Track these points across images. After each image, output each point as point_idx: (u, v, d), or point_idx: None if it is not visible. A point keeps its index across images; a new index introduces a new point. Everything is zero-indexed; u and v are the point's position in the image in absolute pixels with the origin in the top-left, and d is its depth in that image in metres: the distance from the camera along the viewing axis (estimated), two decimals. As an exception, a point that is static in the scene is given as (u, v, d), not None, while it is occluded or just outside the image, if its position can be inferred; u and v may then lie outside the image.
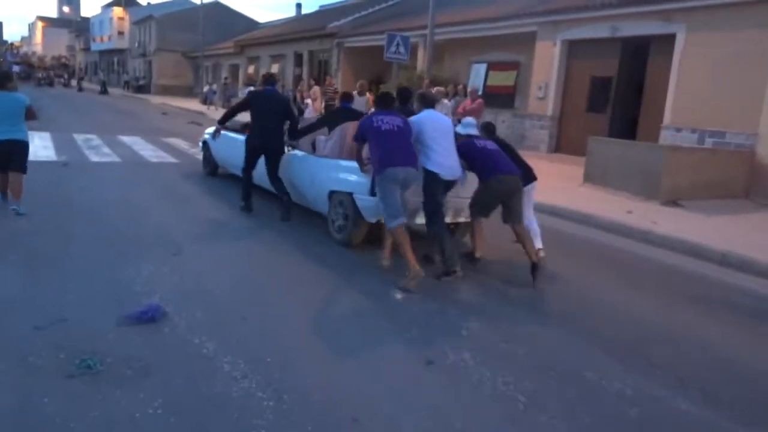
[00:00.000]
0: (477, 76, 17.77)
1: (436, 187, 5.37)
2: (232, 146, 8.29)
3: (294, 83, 25.51)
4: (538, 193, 6.28)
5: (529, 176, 5.92)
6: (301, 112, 17.89)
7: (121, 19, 52.07)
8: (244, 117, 7.83)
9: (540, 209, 8.45)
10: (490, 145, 5.69)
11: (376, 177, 5.32)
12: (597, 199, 9.27)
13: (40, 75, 43.90)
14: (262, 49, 31.52)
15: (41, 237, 5.56)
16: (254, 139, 7.17)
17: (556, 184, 10.63)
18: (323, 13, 32.37)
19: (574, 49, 14.35)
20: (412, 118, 5.48)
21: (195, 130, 16.63)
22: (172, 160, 11.47)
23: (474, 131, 5.98)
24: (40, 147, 11.64)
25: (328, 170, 6.33)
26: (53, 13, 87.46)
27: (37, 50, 76.13)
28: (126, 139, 14.37)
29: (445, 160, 5.37)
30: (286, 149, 7.22)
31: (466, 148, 5.62)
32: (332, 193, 6.26)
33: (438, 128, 5.45)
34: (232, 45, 34.90)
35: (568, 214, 8.37)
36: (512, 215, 5.55)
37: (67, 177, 8.91)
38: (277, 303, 4.42)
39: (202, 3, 33.52)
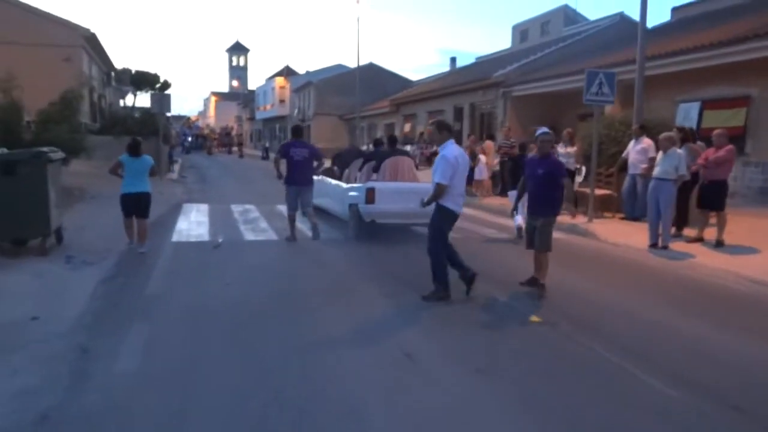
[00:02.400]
0: (686, 117, 14.45)
1: (449, 224, 5.91)
2: (322, 187, 10.89)
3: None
4: None
5: None
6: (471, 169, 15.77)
7: (282, 87, 54.63)
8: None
9: None
10: None
11: (285, 186, 8.95)
12: None
13: (209, 144, 46.75)
14: (419, 105, 30.28)
15: (148, 399, 3.59)
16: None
17: None
18: (482, 64, 30.59)
19: None
20: (446, 155, 5.67)
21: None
22: (334, 234, 9.68)
23: None
24: (195, 224, 10.48)
25: (348, 191, 9.68)
26: (225, 88, 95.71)
27: (210, 122, 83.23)
28: (283, 209, 13.01)
29: (461, 198, 5.89)
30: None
31: None
32: (350, 206, 9.35)
33: (462, 167, 5.80)
34: (387, 104, 34.20)
35: None
36: None
37: (215, 264, 7.31)
38: None
39: (358, 66, 33.36)
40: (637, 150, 10.95)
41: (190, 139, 45.85)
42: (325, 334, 4.81)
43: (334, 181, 10.75)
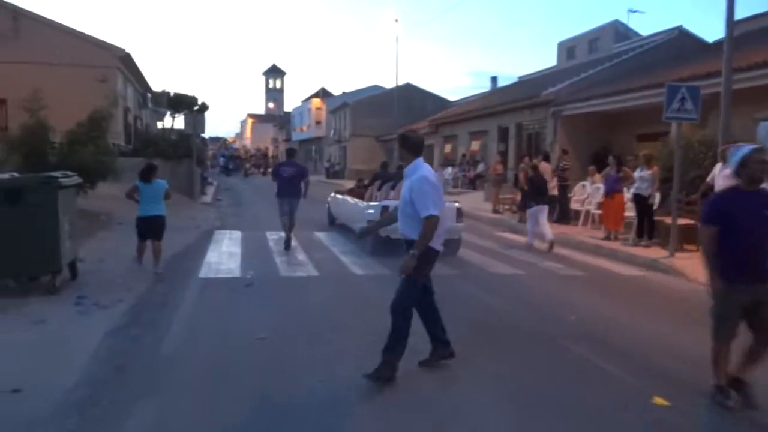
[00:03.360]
0: (768, 137, 12.96)
1: (430, 267, 4.41)
2: (344, 205, 12.62)
3: (500, 160, 21.87)
4: None
5: None
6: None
7: (318, 109, 54.28)
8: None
9: None
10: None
11: (276, 198, 10.71)
12: None
13: (247, 166, 46.41)
14: (459, 126, 29.15)
15: None
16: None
17: None
18: (526, 83, 29.36)
19: None
20: (428, 176, 4.28)
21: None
22: (382, 270, 8.52)
23: None
24: (226, 255, 9.47)
25: (365, 209, 10.51)
26: (261, 110, 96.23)
27: (247, 144, 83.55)
28: (322, 237, 11.98)
29: (444, 233, 4.53)
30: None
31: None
32: (368, 222, 9.30)
33: (441, 191, 4.46)
34: (426, 125, 33.17)
35: None
36: None
37: (246, 308, 6.22)
38: None
39: (396, 85, 32.47)
40: (725, 174, 9.51)
41: (222, 160, 45.61)
42: (391, 422, 3.64)
43: (354, 200, 11.86)
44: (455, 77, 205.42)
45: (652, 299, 7.35)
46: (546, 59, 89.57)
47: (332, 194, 14.22)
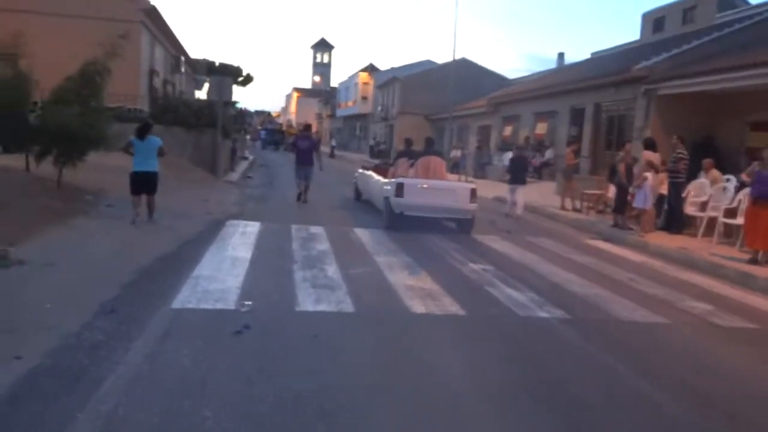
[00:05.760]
0: None
1: None
2: (368, 181, 12.76)
3: (573, 146, 18.21)
4: None
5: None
6: (623, 189, 11.28)
7: (365, 83, 51.32)
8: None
9: None
10: None
11: (295, 164, 13.13)
12: None
13: (289, 141, 43.99)
14: (523, 105, 25.83)
15: None
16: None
17: None
18: (605, 58, 25.71)
19: None
20: None
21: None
22: (451, 306, 5.66)
23: None
24: (228, 263, 6.75)
25: (384, 186, 10.74)
26: (307, 84, 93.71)
27: (291, 118, 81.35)
28: (363, 236, 9.20)
29: None
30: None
31: None
32: (384, 198, 10.37)
33: None
34: (483, 104, 29.93)
35: None
36: None
37: (217, 394, 3.45)
38: None
39: (453, 59, 29.04)
40: None
41: (263, 133, 43.42)
42: None
43: (376, 177, 12.01)
44: (509, 59, 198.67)
45: None
46: (617, 38, 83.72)
47: (359, 170, 14.61)
